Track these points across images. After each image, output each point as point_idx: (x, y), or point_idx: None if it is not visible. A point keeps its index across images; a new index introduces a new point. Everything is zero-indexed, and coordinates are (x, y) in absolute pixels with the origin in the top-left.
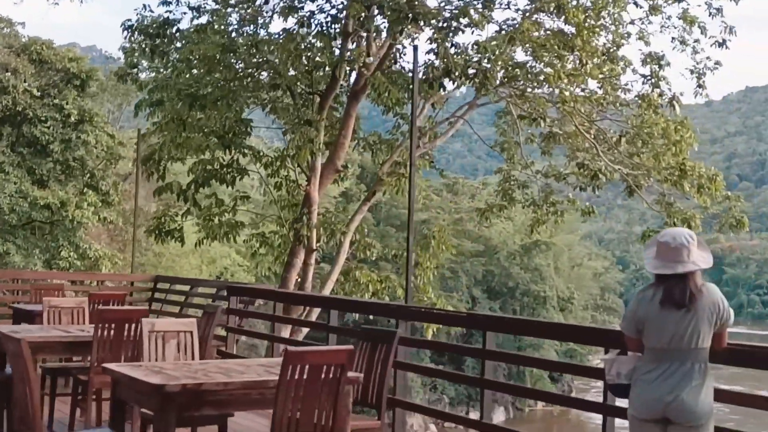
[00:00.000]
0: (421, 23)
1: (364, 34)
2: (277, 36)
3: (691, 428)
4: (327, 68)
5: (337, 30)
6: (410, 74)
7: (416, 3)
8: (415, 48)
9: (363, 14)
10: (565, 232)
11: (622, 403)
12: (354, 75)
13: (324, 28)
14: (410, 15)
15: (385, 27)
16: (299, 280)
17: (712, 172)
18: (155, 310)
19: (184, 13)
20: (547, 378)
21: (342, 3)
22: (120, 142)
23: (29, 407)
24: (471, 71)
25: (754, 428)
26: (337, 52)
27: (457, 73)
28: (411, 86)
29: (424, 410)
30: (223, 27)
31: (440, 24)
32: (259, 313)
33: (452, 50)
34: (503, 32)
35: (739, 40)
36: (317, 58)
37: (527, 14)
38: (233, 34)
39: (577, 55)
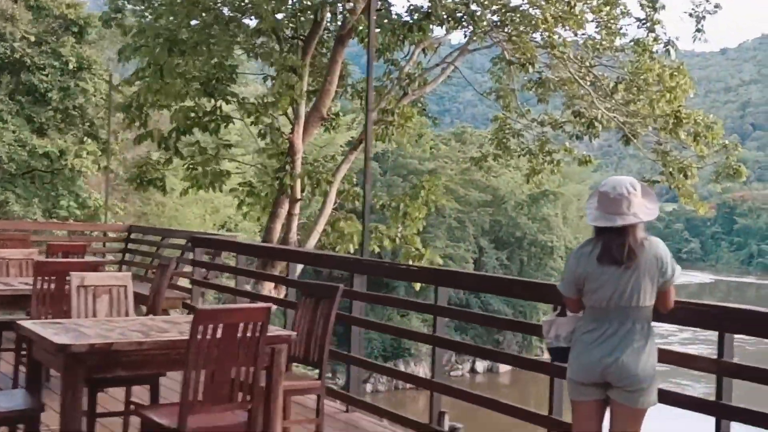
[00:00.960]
0: None
1: None
2: None
3: (631, 392)
4: (310, 13)
5: None
6: (396, 17)
7: None
8: None
9: None
10: (575, 182)
11: None
12: (340, 19)
13: None
14: None
15: None
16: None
17: (710, 120)
18: (128, 262)
19: None
20: None
21: None
22: (118, 90)
23: None
24: (458, 14)
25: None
26: None
27: (443, 16)
28: (396, 30)
29: (377, 368)
30: None
31: None
32: (220, 266)
33: None
34: None
35: None
36: (305, 1)
37: None
38: None
39: None
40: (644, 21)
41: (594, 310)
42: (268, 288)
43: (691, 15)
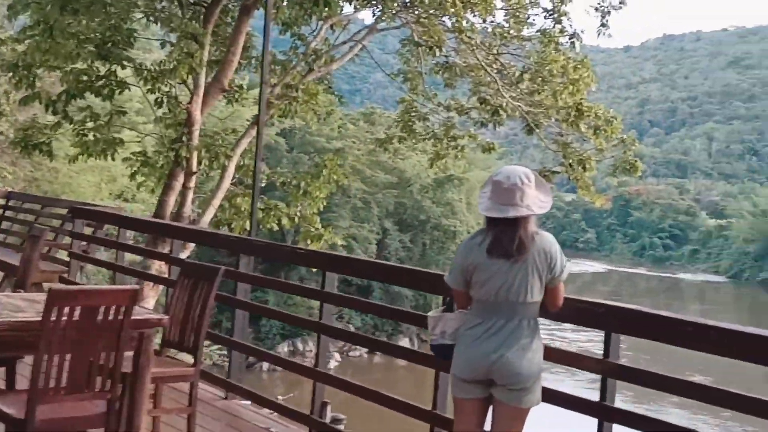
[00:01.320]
0: None
1: None
2: None
3: (515, 391)
4: None
5: None
6: None
7: None
8: None
9: None
10: (480, 168)
11: None
12: None
13: None
14: None
15: None
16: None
17: (610, 114)
18: (4, 230)
19: None
20: None
21: None
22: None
23: None
24: None
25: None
26: None
27: None
28: (303, 4)
29: (260, 353)
30: None
31: None
32: (99, 238)
33: None
34: None
35: None
36: None
37: None
38: None
39: None
40: (552, 12)
41: (481, 304)
42: (158, 265)
43: (596, 9)
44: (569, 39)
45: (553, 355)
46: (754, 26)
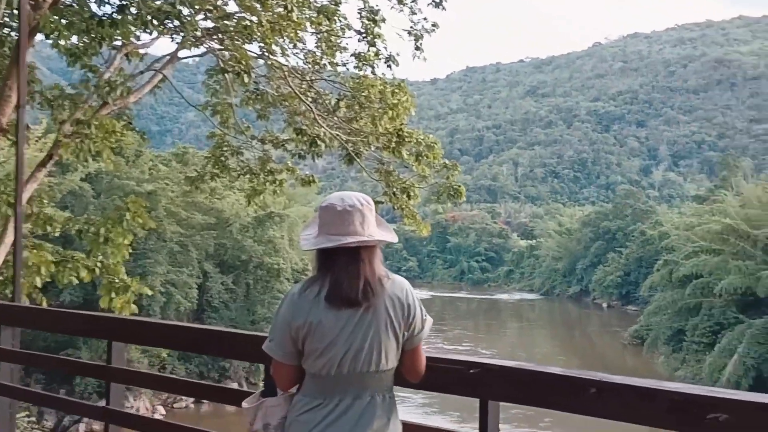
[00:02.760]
0: None
1: None
2: None
3: None
4: None
5: None
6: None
7: None
8: None
9: None
10: (300, 203)
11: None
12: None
13: None
14: None
15: None
16: None
17: (431, 140)
18: None
19: None
20: None
21: None
22: None
23: None
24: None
25: None
26: None
27: (146, 17)
28: (90, 30)
29: None
30: None
31: None
32: None
33: None
34: None
35: (458, 15)
36: None
37: None
38: None
39: (283, 3)
40: (365, 35)
41: (319, 380)
42: None
43: (409, 33)
44: (385, 62)
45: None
46: (547, 57)
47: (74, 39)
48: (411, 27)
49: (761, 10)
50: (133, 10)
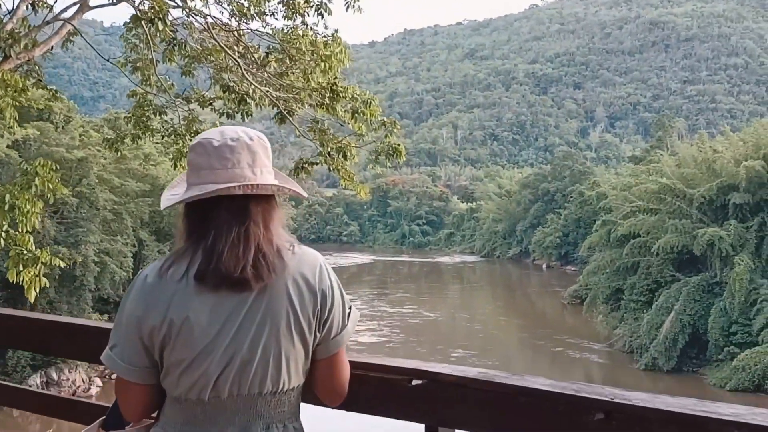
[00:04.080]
0: None
1: None
2: None
3: None
4: None
5: None
6: None
7: None
8: None
9: None
10: None
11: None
12: None
13: None
14: None
15: None
16: None
17: (367, 96)
18: None
19: None
20: None
21: None
22: None
23: None
24: None
25: None
26: None
27: None
28: None
29: None
30: None
31: None
32: None
33: None
34: None
35: None
36: None
37: None
38: None
39: None
40: None
41: (185, 405)
42: None
43: None
44: (316, 10)
45: None
46: (485, 19)
47: None
48: None
49: None
50: None
